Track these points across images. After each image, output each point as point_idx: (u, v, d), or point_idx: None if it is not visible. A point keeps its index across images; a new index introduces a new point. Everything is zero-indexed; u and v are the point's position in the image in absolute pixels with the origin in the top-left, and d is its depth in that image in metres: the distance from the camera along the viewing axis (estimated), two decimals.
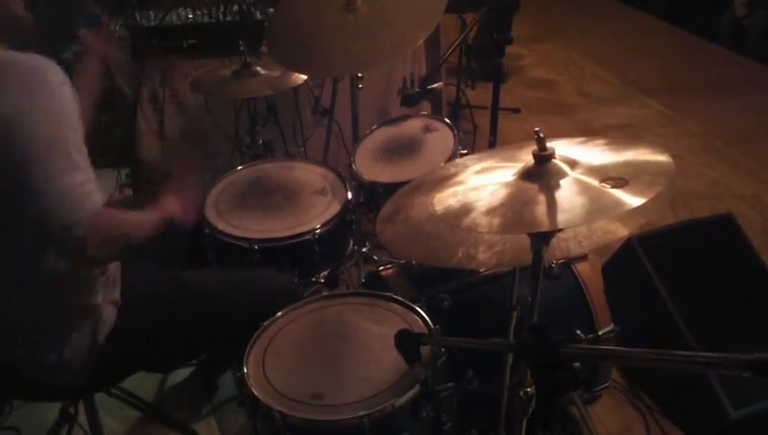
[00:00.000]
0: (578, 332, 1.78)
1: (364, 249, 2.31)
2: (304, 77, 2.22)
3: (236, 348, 1.51)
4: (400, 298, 1.59)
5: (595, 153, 1.18)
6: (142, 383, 2.13)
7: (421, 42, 2.03)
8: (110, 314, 1.49)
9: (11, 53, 1.28)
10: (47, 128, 1.24)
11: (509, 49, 2.21)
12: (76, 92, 1.31)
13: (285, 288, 1.76)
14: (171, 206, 1.51)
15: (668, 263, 2.04)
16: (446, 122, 2.16)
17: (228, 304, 1.66)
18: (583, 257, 1.92)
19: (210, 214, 1.96)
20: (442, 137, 2.11)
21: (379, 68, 2.79)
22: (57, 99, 1.25)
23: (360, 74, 2.15)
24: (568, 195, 1.07)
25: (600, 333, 1.83)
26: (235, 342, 1.67)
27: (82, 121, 1.30)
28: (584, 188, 1.08)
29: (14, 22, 1.37)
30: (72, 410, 1.93)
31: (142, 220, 1.45)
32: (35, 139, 1.23)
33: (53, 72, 1.26)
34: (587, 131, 3.76)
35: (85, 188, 1.27)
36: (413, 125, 2.20)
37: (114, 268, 1.54)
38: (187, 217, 1.54)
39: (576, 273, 1.88)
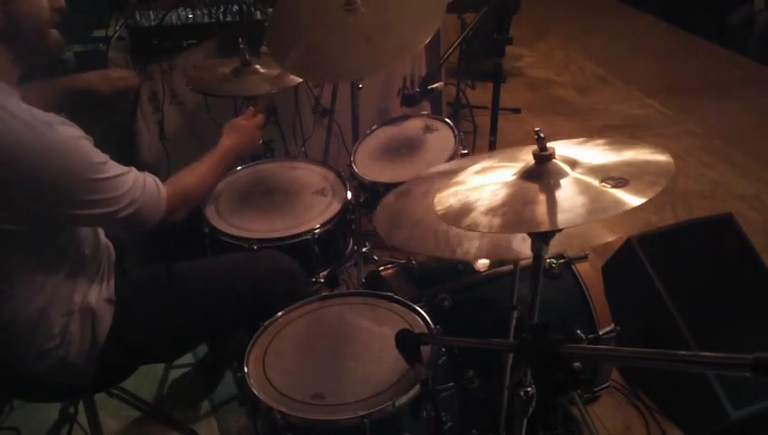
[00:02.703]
0: (578, 332, 1.79)
1: (364, 249, 2.32)
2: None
3: (237, 344, 1.51)
4: (400, 298, 1.59)
5: (595, 153, 1.18)
6: (142, 383, 2.14)
7: (422, 46, 2.02)
8: (106, 312, 1.49)
9: (19, 117, 1.26)
10: (78, 181, 1.29)
11: (509, 49, 2.20)
12: None
13: (286, 269, 1.75)
14: (228, 139, 1.72)
15: (668, 263, 2.04)
16: (446, 122, 2.16)
17: (227, 288, 1.67)
18: (583, 257, 1.92)
19: (210, 214, 1.97)
20: (442, 137, 2.11)
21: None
22: (72, 156, 1.29)
23: None
24: (568, 195, 1.08)
25: (600, 333, 1.83)
26: (238, 325, 1.70)
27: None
28: (584, 188, 1.08)
29: (44, 34, 1.38)
30: (71, 410, 1.94)
31: (204, 172, 1.62)
32: (73, 192, 1.30)
33: (65, 137, 1.29)
34: (587, 131, 3.76)
35: (140, 189, 1.39)
36: (413, 125, 2.20)
37: (107, 265, 1.54)
38: (253, 141, 1.79)
39: (576, 273, 1.88)
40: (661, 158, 1.12)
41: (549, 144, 1.15)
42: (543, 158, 1.14)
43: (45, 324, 1.40)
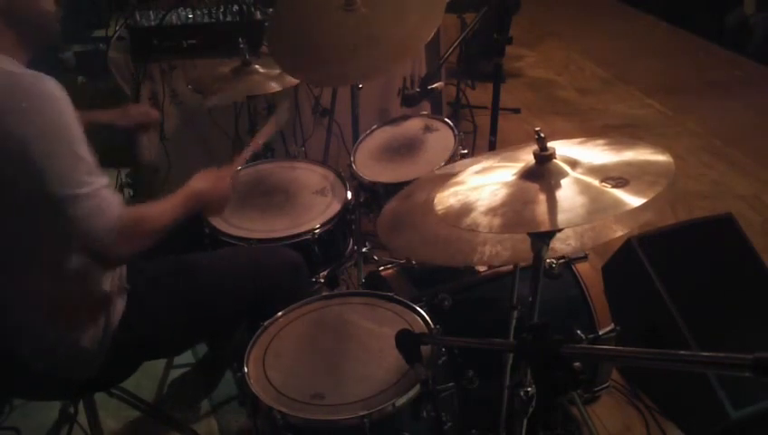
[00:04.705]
0: (578, 332, 1.79)
1: (364, 249, 2.31)
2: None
3: (237, 343, 1.51)
4: (400, 298, 1.59)
5: (595, 153, 1.18)
6: (142, 383, 2.14)
7: (422, 47, 2.02)
8: (120, 301, 1.51)
9: (10, 72, 1.26)
10: (55, 143, 1.25)
11: (509, 49, 2.20)
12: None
13: (291, 262, 1.76)
14: (196, 182, 1.57)
15: (668, 263, 2.04)
16: (446, 122, 2.16)
17: (232, 280, 1.68)
18: (583, 257, 1.92)
19: None
20: (442, 137, 2.11)
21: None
22: (59, 112, 1.26)
23: None
24: (568, 195, 1.08)
25: (600, 333, 1.83)
26: (242, 318, 1.71)
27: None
28: (585, 188, 1.08)
29: (44, 21, 1.38)
30: (72, 410, 1.94)
31: (165, 208, 1.48)
32: (48, 154, 1.24)
33: (52, 88, 1.26)
34: (587, 131, 3.76)
35: (104, 195, 1.30)
36: (413, 125, 2.20)
37: None
38: (221, 188, 1.62)
39: (576, 273, 1.88)
40: (661, 158, 1.12)
41: (549, 144, 1.15)
42: (544, 158, 1.14)
43: (61, 312, 1.42)
